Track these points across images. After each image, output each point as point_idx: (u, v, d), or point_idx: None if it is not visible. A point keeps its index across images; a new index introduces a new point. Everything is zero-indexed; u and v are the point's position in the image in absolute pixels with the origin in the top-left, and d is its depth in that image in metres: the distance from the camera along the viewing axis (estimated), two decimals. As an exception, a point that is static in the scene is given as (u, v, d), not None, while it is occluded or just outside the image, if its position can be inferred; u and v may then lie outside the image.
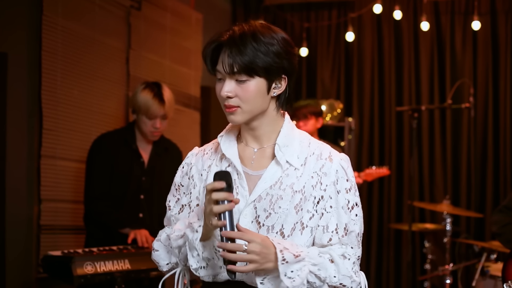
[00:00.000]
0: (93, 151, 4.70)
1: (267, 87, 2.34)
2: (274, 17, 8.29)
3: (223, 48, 2.31)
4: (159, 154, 4.76)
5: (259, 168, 2.40)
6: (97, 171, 4.64)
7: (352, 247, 2.39)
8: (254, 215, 2.34)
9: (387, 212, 7.87)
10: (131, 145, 4.68)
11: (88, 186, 4.66)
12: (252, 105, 2.33)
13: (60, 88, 5.20)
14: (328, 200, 2.36)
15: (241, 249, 2.17)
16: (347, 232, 2.37)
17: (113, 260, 4.11)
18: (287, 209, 2.33)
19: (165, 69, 6.53)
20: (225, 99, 2.32)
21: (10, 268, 4.78)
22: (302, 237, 2.34)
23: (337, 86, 8.19)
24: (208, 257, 2.34)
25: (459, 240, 6.75)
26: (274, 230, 2.32)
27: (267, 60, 2.29)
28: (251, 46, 2.28)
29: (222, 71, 2.31)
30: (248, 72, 2.29)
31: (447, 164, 7.71)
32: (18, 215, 4.91)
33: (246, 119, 2.36)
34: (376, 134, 7.97)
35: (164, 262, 2.49)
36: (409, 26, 7.88)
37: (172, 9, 6.69)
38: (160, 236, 2.52)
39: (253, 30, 2.32)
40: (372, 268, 7.81)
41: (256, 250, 2.19)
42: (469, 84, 7.27)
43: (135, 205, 4.66)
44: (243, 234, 2.19)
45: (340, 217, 2.36)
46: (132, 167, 4.67)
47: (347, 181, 2.39)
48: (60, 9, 5.21)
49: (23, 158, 4.97)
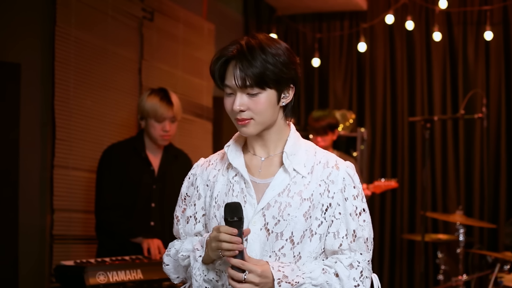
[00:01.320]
0: (103, 161, 4.70)
1: (277, 97, 2.37)
2: (286, 28, 8.30)
3: (231, 61, 2.33)
4: (169, 162, 4.75)
5: (266, 177, 2.42)
6: (107, 181, 4.64)
7: (361, 253, 2.41)
8: (263, 222, 2.36)
9: (399, 223, 7.85)
10: (140, 154, 4.68)
11: (98, 197, 4.66)
12: (264, 117, 2.35)
13: (73, 98, 5.22)
14: (336, 207, 2.39)
15: (240, 278, 2.24)
16: (355, 238, 2.40)
17: (126, 270, 4.11)
18: (296, 216, 2.35)
19: (177, 80, 6.54)
20: (237, 113, 2.34)
21: (23, 278, 4.79)
22: (312, 244, 2.37)
23: (349, 97, 8.19)
24: (210, 278, 2.39)
25: (472, 250, 6.71)
26: (283, 237, 2.34)
27: (276, 71, 2.31)
28: (261, 59, 2.30)
29: (233, 86, 2.33)
30: (260, 84, 2.30)
31: (460, 175, 7.68)
32: (31, 225, 4.93)
33: (258, 130, 2.38)
34: (389, 144, 7.96)
35: (175, 276, 2.55)
36: (421, 36, 7.87)
37: (185, 19, 6.71)
38: (169, 251, 2.57)
39: (260, 43, 2.33)
40: (385, 279, 7.78)
41: (254, 281, 2.25)
42: (482, 94, 7.25)
43: (146, 214, 4.66)
44: (244, 263, 2.25)
45: (348, 223, 2.39)
46: (142, 175, 4.67)
47: (354, 188, 2.42)
48: (73, 20, 5.23)
49: (36, 168, 5.00)
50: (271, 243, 2.35)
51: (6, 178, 4.61)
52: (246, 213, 2.36)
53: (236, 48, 2.33)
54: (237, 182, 2.42)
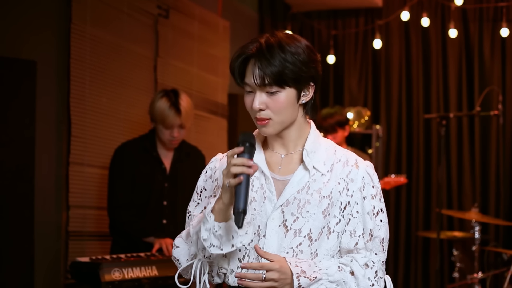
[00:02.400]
0: (114, 160, 4.71)
1: (297, 96, 2.36)
2: (301, 25, 8.29)
3: (251, 60, 2.33)
4: (182, 160, 4.75)
5: (286, 174, 2.42)
6: (119, 180, 4.65)
7: (376, 253, 2.41)
8: (282, 219, 2.36)
9: (415, 220, 7.83)
10: (151, 153, 4.68)
11: (111, 196, 4.67)
12: (283, 116, 2.35)
13: (88, 95, 5.24)
14: (355, 205, 2.39)
15: (260, 279, 2.24)
16: (372, 238, 2.40)
17: (141, 267, 4.12)
18: (315, 214, 2.35)
19: (192, 77, 6.55)
20: (257, 112, 2.34)
21: (39, 274, 4.81)
22: (329, 242, 2.37)
23: (364, 94, 8.17)
24: (221, 234, 2.30)
25: (488, 248, 6.69)
26: (301, 234, 2.34)
27: (295, 70, 2.30)
28: (280, 57, 2.29)
29: (252, 84, 2.33)
30: (279, 83, 2.30)
31: (476, 172, 7.66)
32: (47, 222, 4.95)
33: (278, 130, 2.38)
34: (404, 141, 7.94)
35: (184, 258, 2.47)
36: (437, 33, 7.84)
37: (200, 17, 6.72)
38: (181, 233, 2.51)
39: (279, 41, 2.32)
40: (400, 276, 7.76)
41: (274, 277, 2.24)
42: (498, 91, 7.23)
43: (158, 212, 4.66)
44: (263, 265, 2.24)
45: (365, 222, 2.39)
46: (154, 174, 4.67)
47: (372, 188, 2.41)
48: (88, 17, 5.25)
49: (51, 165, 5.02)
50: (289, 240, 2.35)
51: (22, 175, 4.63)
52: (265, 209, 2.37)
53: (256, 47, 2.33)
54: (257, 178, 2.41)
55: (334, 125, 6.19)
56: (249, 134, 2.30)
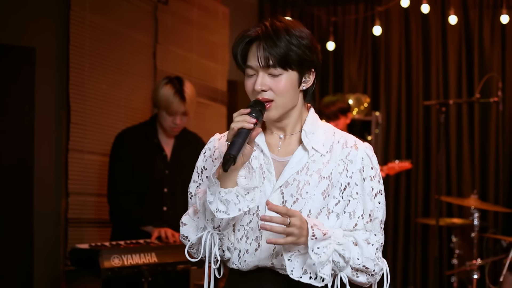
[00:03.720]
0: (115, 147, 4.71)
1: (299, 80, 2.38)
2: (301, 11, 8.28)
3: (255, 42, 2.34)
4: (182, 147, 4.75)
5: (285, 155, 2.43)
6: (120, 167, 4.65)
7: (375, 234, 2.41)
8: (281, 200, 2.36)
9: (414, 207, 7.84)
10: (152, 139, 4.69)
11: (111, 182, 4.67)
12: (286, 99, 2.35)
13: (87, 82, 5.23)
14: (354, 187, 2.39)
15: (286, 222, 2.19)
16: (372, 219, 2.40)
17: (140, 253, 4.14)
18: (314, 195, 2.35)
19: (192, 63, 6.55)
20: (259, 93, 2.34)
21: (39, 261, 4.82)
22: (329, 222, 2.37)
23: (364, 80, 8.17)
24: (227, 199, 2.30)
25: (486, 235, 6.70)
26: None
27: (299, 52, 2.33)
28: (285, 39, 2.31)
29: (255, 66, 2.33)
30: (283, 65, 2.31)
31: (475, 159, 7.66)
32: (46, 209, 4.95)
33: (280, 113, 2.38)
34: (403, 128, 7.94)
35: (193, 235, 2.43)
36: (436, 19, 7.83)
37: (199, 3, 6.70)
38: (188, 211, 2.50)
39: (285, 24, 2.35)
40: (399, 263, 7.78)
41: (297, 223, 2.20)
42: (498, 78, 7.22)
43: (159, 199, 4.67)
44: (289, 210, 2.20)
45: (365, 204, 2.40)
46: (155, 161, 4.67)
47: (372, 169, 2.42)
48: (87, 4, 5.24)
49: (51, 152, 5.02)
50: None
51: (21, 162, 4.64)
52: (265, 190, 2.38)
53: (261, 29, 2.34)
54: (255, 158, 2.42)
55: (336, 112, 6.19)
56: (261, 102, 2.31)
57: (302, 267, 2.30)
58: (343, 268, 2.34)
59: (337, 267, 2.33)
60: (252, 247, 2.37)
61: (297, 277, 2.30)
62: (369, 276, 2.38)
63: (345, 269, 2.35)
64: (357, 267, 2.35)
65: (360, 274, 2.37)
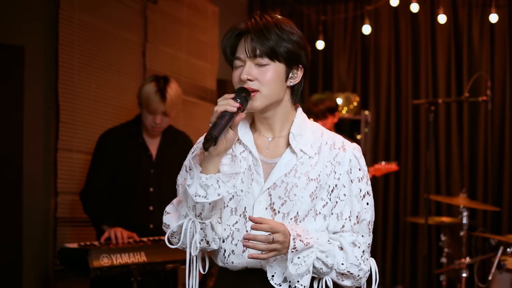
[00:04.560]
0: (98, 146, 4.68)
1: (286, 74, 2.38)
2: (291, 10, 8.28)
3: (245, 35, 2.36)
4: (168, 146, 4.72)
5: (273, 157, 2.43)
6: (97, 166, 4.62)
7: (362, 235, 2.42)
8: (269, 202, 2.37)
9: (403, 206, 7.85)
10: (137, 139, 4.65)
11: (86, 180, 4.65)
12: (271, 90, 2.36)
13: (76, 81, 5.22)
14: (342, 188, 2.40)
15: (269, 240, 2.21)
16: (359, 221, 2.41)
17: (129, 253, 4.13)
18: (302, 197, 2.36)
19: (181, 62, 6.54)
20: (245, 83, 2.34)
21: (27, 260, 4.81)
22: (316, 223, 2.38)
23: (353, 79, 8.18)
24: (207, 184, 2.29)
25: (475, 233, 6.72)
26: (289, 217, 2.36)
27: (288, 46, 2.35)
28: (275, 32, 2.33)
29: (243, 56, 2.35)
30: (270, 55, 2.33)
31: (464, 157, 7.68)
32: (35, 208, 4.94)
33: (264, 104, 2.37)
34: (393, 127, 7.96)
35: (175, 224, 2.42)
36: (426, 19, 7.85)
37: (189, 2, 6.70)
38: (173, 201, 2.51)
39: (277, 20, 2.37)
40: (388, 261, 7.80)
41: (280, 239, 2.22)
42: (486, 77, 7.24)
43: (145, 198, 4.64)
44: (273, 226, 2.21)
45: (353, 205, 2.40)
46: (140, 160, 4.64)
47: (359, 170, 2.43)
48: (76, 3, 5.23)
49: (40, 151, 5.01)
50: None
51: (10, 161, 4.62)
52: (253, 191, 2.38)
53: (251, 22, 2.36)
54: (244, 159, 2.42)
55: (324, 111, 6.17)
56: (246, 89, 2.32)
57: (283, 273, 2.33)
58: (327, 273, 2.37)
59: (320, 273, 2.35)
60: (238, 248, 2.37)
61: (277, 283, 2.33)
62: (354, 280, 2.40)
63: (330, 274, 2.37)
64: (342, 272, 2.37)
65: (345, 278, 2.39)
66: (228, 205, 2.41)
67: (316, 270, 2.34)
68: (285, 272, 2.31)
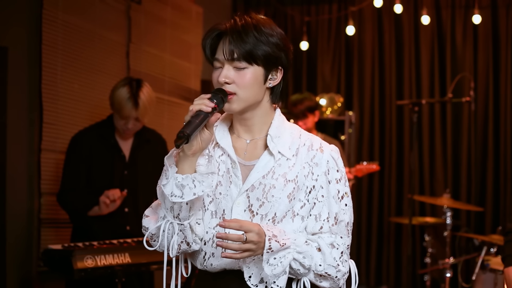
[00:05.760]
0: (70, 148, 4.63)
1: (264, 76, 2.38)
2: (275, 11, 8.29)
3: (224, 36, 2.35)
4: (141, 146, 4.67)
5: (251, 159, 2.43)
6: (72, 167, 4.57)
7: (341, 236, 2.42)
8: (247, 204, 2.37)
9: (387, 206, 7.88)
10: (109, 140, 4.61)
11: (62, 182, 4.60)
12: (248, 93, 2.35)
13: (60, 82, 5.20)
14: (320, 189, 2.41)
15: (242, 239, 2.21)
16: (337, 222, 2.41)
17: (114, 254, 4.11)
18: (280, 198, 2.36)
19: (165, 63, 6.53)
20: (222, 86, 2.34)
21: (11, 262, 4.79)
22: (294, 224, 2.38)
23: (337, 80, 8.19)
24: (183, 184, 2.29)
25: (459, 233, 6.75)
26: (267, 218, 2.36)
27: (266, 49, 2.33)
28: (253, 35, 2.32)
29: (221, 58, 2.34)
30: (248, 59, 2.32)
31: (448, 158, 7.71)
32: (19, 209, 4.91)
33: (241, 107, 2.37)
34: (377, 128, 7.98)
35: (153, 226, 2.40)
36: (409, 20, 7.88)
37: (173, 2, 6.68)
38: (152, 204, 2.49)
39: (256, 21, 2.36)
40: (372, 262, 7.81)
41: (254, 239, 2.22)
42: (470, 78, 7.27)
43: None
44: (243, 225, 2.21)
45: (331, 206, 2.41)
46: (113, 161, 4.60)
47: (337, 172, 2.43)
48: (60, 3, 5.20)
49: (23, 152, 4.98)
50: None
51: (-6, 162, 4.60)
52: (231, 194, 2.38)
53: (230, 23, 2.36)
54: (223, 162, 2.42)
55: (304, 111, 6.16)
56: (223, 90, 2.32)
57: (260, 274, 2.33)
58: (304, 274, 2.37)
59: (298, 274, 2.35)
60: (218, 251, 2.36)
61: (254, 284, 2.33)
62: (332, 282, 2.40)
63: (307, 275, 2.38)
64: (320, 273, 2.37)
65: (323, 279, 2.40)
66: (208, 208, 2.41)
67: (293, 271, 2.34)
68: (262, 273, 2.31)
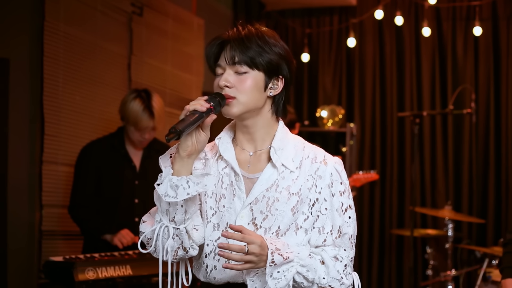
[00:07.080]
0: (80, 159, 4.70)
1: (265, 83, 2.38)
2: (276, 23, 8.30)
3: (227, 44, 2.37)
4: (151, 157, 4.71)
5: (255, 172, 2.43)
6: (82, 179, 4.64)
7: (345, 249, 2.41)
8: (251, 217, 2.37)
9: (388, 218, 7.86)
10: (120, 150, 4.67)
11: (73, 194, 4.66)
12: (248, 97, 2.36)
13: (61, 94, 5.20)
14: (323, 202, 2.40)
15: (243, 251, 2.20)
16: (341, 234, 2.40)
17: (115, 266, 4.10)
18: (284, 211, 2.36)
19: (166, 75, 6.53)
20: (223, 89, 2.35)
21: (12, 274, 4.78)
22: (297, 237, 2.38)
23: (338, 92, 8.20)
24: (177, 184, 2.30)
25: (461, 246, 6.74)
26: (270, 231, 2.36)
27: (268, 56, 2.35)
28: (255, 42, 2.34)
29: (223, 64, 2.36)
30: (249, 63, 2.34)
31: (449, 170, 7.71)
32: (20, 221, 4.91)
33: (241, 111, 2.37)
34: (378, 139, 7.97)
35: (150, 229, 2.41)
36: (410, 31, 7.88)
37: (174, 14, 6.69)
38: (150, 210, 2.50)
39: (260, 31, 2.38)
40: (374, 274, 7.80)
41: (255, 251, 2.22)
42: (471, 89, 7.28)
43: (130, 210, 4.64)
44: (245, 236, 2.21)
45: (334, 219, 2.40)
46: (124, 172, 4.66)
47: (341, 184, 2.43)
48: (61, 15, 5.21)
49: (24, 163, 4.98)
50: None
51: (-5, 174, 4.60)
52: (234, 207, 2.38)
53: (233, 32, 2.38)
54: (226, 174, 2.42)
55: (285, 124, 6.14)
56: (221, 93, 2.34)
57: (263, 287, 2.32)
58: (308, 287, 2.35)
59: (301, 287, 2.34)
60: (221, 264, 2.35)
61: None
62: None
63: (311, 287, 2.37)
64: (323, 286, 2.36)
65: None
66: (210, 221, 2.41)
67: (297, 285, 2.33)
68: (265, 286, 2.30)
